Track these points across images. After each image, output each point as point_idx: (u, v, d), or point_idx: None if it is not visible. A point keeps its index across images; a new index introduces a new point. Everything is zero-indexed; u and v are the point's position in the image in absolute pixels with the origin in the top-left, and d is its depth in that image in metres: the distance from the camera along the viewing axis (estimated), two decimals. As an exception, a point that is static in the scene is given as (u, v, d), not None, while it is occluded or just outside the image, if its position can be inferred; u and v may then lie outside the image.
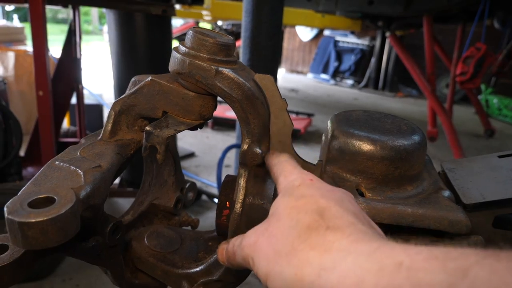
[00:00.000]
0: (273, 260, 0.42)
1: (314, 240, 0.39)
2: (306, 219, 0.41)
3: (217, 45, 0.55)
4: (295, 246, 0.40)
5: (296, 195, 0.45)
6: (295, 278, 0.38)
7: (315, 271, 0.37)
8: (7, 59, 4.11)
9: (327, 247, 0.38)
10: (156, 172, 0.79)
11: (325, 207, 0.42)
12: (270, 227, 0.44)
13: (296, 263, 0.39)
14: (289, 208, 0.44)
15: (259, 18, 2.08)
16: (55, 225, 0.39)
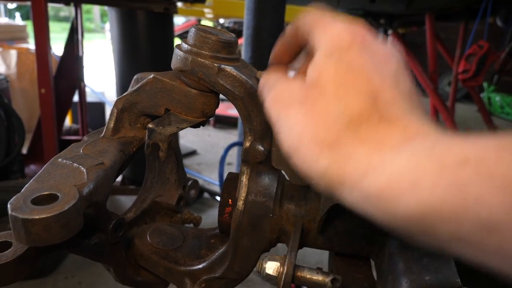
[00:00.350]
0: (309, 142, 0.36)
1: (364, 133, 0.34)
2: (357, 105, 0.35)
3: (220, 43, 0.55)
4: (341, 137, 0.34)
5: (345, 62, 0.37)
6: (334, 176, 0.34)
7: (360, 170, 0.32)
8: (9, 57, 4.12)
9: (378, 143, 0.33)
10: (158, 170, 0.79)
11: (378, 89, 0.35)
12: (311, 101, 0.37)
13: (338, 158, 0.34)
14: (336, 82, 0.36)
15: (261, 16, 2.08)
16: (58, 222, 0.39)
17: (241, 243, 0.60)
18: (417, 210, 0.28)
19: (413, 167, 0.29)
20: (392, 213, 0.30)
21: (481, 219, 0.26)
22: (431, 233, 0.29)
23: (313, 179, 0.36)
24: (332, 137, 0.35)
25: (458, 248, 0.28)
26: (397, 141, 0.32)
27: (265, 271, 0.53)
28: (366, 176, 0.32)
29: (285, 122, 0.39)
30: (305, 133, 0.36)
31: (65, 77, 2.41)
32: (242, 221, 0.59)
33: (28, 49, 4.33)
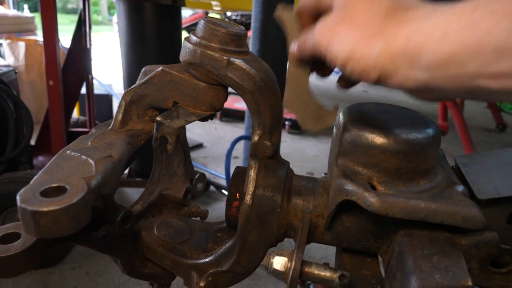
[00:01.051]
0: (360, 42, 0.45)
1: (399, 18, 0.43)
2: (385, 4, 0.45)
3: (229, 35, 0.54)
4: (382, 27, 0.44)
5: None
6: (385, 52, 0.42)
7: (403, 39, 0.41)
8: (18, 49, 4.14)
9: (411, 19, 0.42)
10: (165, 163, 0.79)
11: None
12: (348, 17, 0.47)
13: (385, 38, 0.43)
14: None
15: (269, 9, 2.07)
16: (67, 214, 0.39)
17: (249, 237, 0.60)
18: (447, 53, 0.37)
19: (441, 22, 0.39)
20: (428, 61, 0.39)
21: (492, 45, 0.34)
22: (463, 71, 0.37)
23: (369, 73, 0.44)
24: (376, 29, 0.44)
25: (481, 82, 0.37)
26: (426, 12, 0.42)
27: (272, 266, 0.53)
28: (408, 41, 0.41)
29: (336, 41, 0.47)
30: (355, 37, 0.45)
31: (73, 69, 2.42)
32: (249, 216, 0.59)
33: (37, 41, 4.34)
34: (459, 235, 0.52)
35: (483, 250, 0.53)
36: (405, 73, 0.42)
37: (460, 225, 0.50)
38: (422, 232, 0.53)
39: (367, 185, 0.53)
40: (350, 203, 0.53)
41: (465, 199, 0.53)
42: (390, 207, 0.50)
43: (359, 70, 0.45)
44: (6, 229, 0.52)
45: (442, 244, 0.50)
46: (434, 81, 0.40)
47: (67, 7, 19.79)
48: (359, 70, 0.45)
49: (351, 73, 0.46)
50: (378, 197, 0.50)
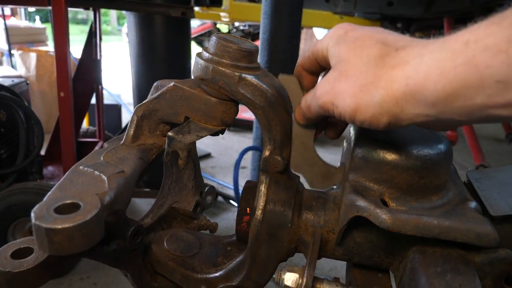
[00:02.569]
0: (359, 93, 0.46)
1: (391, 62, 0.44)
2: (374, 51, 0.46)
3: (240, 52, 0.55)
4: (376, 73, 0.44)
5: (349, 40, 0.49)
6: (387, 97, 0.43)
7: (402, 83, 0.42)
8: (29, 60, 4.20)
9: (404, 61, 0.43)
10: (175, 176, 0.79)
11: (382, 37, 0.47)
12: (343, 72, 0.48)
13: (383, 85, 0.43)
14: (351, 51, 0.48)
15: (278, 20, 2.08)
16: (80, 231, 0.39)
17: (259, 252, 0.60)
18: (451, 89, 0.38)
19: (435, 61, 0.39)
20: (433, 98, 0.40)
21: (494, 78, 0.35)
22: (471, 103, 0.38)
23: (378, 120, 0.45)
24: (371, 77, 0.45)
25: (491, 111, 0.37)
26: (417, 52, 0.42)
27: (283, 282, 0.53)
28: (407, 84, 0.41)
29: (339, 99, 0.48)
30: (354, 91, 0.46)
31: (83, 80, 2.45)
32: (260, 231, 0.58)
33: (48, 52, 4.41)
34: (472, 252, 0.51)
35: (497, 268, 0.52)
36: (413, 111, 0.42)
37: (474, 243, 0.49)
38: (435, 249, 0.52)
39: (379, 202, 0.53)
40: (361, 219, 0.52)
41: (478, 216, 0.52)
42: (402, 224, 0.49)
43: (368, 119, 0.46)
44: (18, 244, 0.52)
45: (456, 262, 0.50)
46: (444, 114, 0.41)
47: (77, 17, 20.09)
48: (369, 120, 0.46)
49: (363, 124, 0.47)
50: (390, 214, 0.50)
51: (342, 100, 0.48)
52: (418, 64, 0.41)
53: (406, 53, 0.43)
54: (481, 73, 0.35)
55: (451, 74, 0.37)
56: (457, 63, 0.37)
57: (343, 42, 0.50)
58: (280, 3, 2.07)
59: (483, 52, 0.35)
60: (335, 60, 0.50)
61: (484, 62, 0.35)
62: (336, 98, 0.48)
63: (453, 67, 0.37)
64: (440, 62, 0.38)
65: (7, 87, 2.14)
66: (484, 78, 0.35)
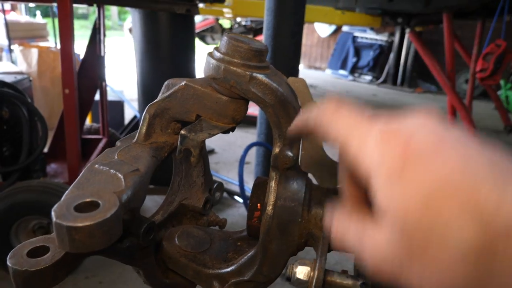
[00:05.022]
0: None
1: (503, 268, 0.26)
2: (467, 236, 0.26)
3: (251, 51, 0.56)
4: (479, 283, 0.27)
5: (412, 186, 0.29)
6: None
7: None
8: (31, 55, 4.20)
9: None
10: (185, 173, 0.80)
11: (474, 192, 0.26)
12: (415, 252, 0.29)
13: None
14: (423, 218, 0.28)
15: (282, 17, 2.08)
16: (101, 229, 0.40)
17: (270, 247, 0.61)
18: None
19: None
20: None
21: None
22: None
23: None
24: (470, 282, 0.27)
25: None
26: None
27: (295, 275, 0.54)
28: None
29: (415, 282, 0.30)
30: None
31: (87, 76, 2.45)
32: (271, 226, 0.59)
33: (49, 48, 4.41)
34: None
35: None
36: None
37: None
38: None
39: None
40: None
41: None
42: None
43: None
44: (34, 242, 0.53)
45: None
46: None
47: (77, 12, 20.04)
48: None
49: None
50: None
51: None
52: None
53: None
54: None
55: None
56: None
57: (403, 188, 0.29)
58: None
59: None
60: (394, 217, 0.30)
61: None
62: (411, 285, 0.30)
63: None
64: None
65: (10, 84, 2.13)
66: None
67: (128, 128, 3.51)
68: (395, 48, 8.88)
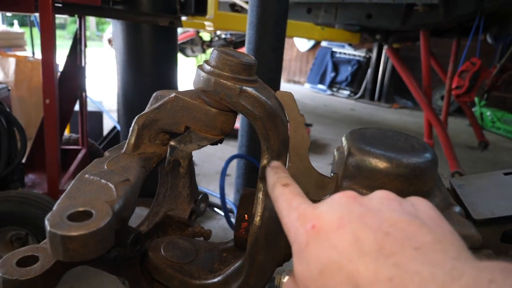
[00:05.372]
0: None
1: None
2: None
3: (241, 65, 0.57)
4: None
5: (311, 265, 0.36)
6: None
7: None
8: (8, 65, 4.12)
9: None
10: (170, 184, 0.81)
11: (351, 271, 0.32)
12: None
13: None
14: (313, 282, 0.35)
15: (263, 31, 2.12)
16: (94, 238, 0.41)
17: (257, 257, 0.62)
18: None
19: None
20: None
21: None
22: None
23: None
24: None
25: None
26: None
27: (283, 286, 0.55)
28: None
29: None
30: None
31: (67, 86, 2.42)
32: (259, 236, 0.61)
33: (27, 57, 4.33)
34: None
35: (481, 269, 0.55)
36: None
37: (460, 245, 0.52)
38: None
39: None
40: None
41: (462, 219, 0.56)
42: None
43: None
44: (23, 252, 0.53)
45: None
46: None
47: (55, 23, 19.74)
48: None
49: None
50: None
51: None
52: None
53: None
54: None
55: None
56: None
57: (306, 262, 0.36)
58: (266, 14, 2.12)
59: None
60: (302, 285, 0.37)
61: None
62: None
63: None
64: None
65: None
66: None
67: (107, 139, 3.47)
68: (373, 64, 9.10)
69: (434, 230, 0.35)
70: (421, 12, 4.13)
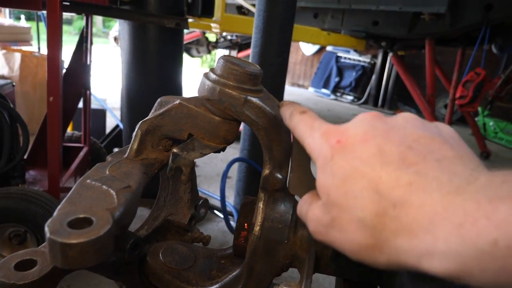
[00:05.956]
0: (363, 255, 0.38)
1: (392, 226, 0.33)
2: (368, 204, 0.35)
3: (246, 75, 0.57)
4: (377, 237, 0.35)
5: (336, 172, 0.38)
6: (394, 264, 0.35)
7: (411, 255, 0.33)
8: (13, 60, 4.13)
9: (409, 230, 0.32)
10: (171, 189, 0.81)
11: (374, 177, 0.35)
12: (337, 220, 0.38)
13: (388, 252, 0.35)
14: (342, 195, 0.37)
15: (269, 35, 2.12)
16: (94, 246, 0.41)
17: (256, 267, 0.61)
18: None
19: (457, 256, 0.30)
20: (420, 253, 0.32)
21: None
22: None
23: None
24: (371, 240, 0.36)
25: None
26: (423, 223, 0.31)
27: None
28: (419, 259, 0.32)
29: (335, 241, 0.40)
30: (351, 247, 0.38)
31: (72, 84, 2.42)
32: (258, 246, 0.60)
33: (32, 53, 4.34)
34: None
35: None
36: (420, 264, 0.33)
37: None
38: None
39: None
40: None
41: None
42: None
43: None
44: (22, 255, 0.53)
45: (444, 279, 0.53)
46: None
47: (61, 18, 19.80)
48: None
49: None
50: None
51: (340, 245, 0.40)
52: (430, 243, 0.31)
53: (408, 217, 0.32)
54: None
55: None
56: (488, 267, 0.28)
57: (329, 172, 0.39)
58: (272, 19, 2.12)
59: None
60: (324, 193, 0.40)
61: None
62: (332, 240, 0.41)
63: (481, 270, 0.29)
64: (463, 257, 0.30)
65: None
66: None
67: (109, 137, 3.47)
68: (377, 70, 9.10)
69: (455, 148, 0.36)
70: (428, 20, 4.13)
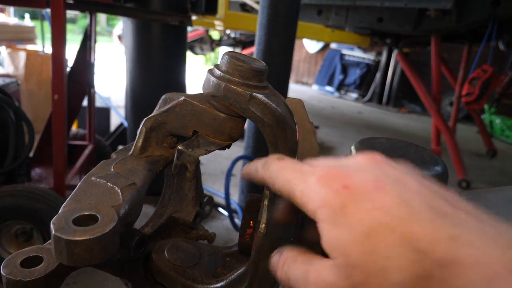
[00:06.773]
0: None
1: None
2: (405, 268, 0.28)
3: (251, 71, 0.57)
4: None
5: (353, 226, 0.31)
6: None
7: None
8: (18, 58, 4.15)
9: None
10: (176, 186, 0.81)
11: (409, 230, 0.29)
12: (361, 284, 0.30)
13: None
14: (363, 255, 0.30)
15: (274, 33, 2.11)
16: (99, 243, 0.41)
17: (261, 265, 0.61)
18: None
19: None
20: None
21: None
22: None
23: None
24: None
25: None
26: (484, 284, 0.26)
27: None
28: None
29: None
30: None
31: (76, 82, 2.43)
32: (263, 244, 0.60)
33: (37, 51, 4.36)
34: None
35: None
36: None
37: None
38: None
39: None
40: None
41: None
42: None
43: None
44: (28, 252, 0.53)
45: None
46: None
47: (66, 17, 19.84)
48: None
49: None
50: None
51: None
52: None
53: (460, 279, 0.26)
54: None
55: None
56: None
57: (345, 226, 0.31)
58: (276, 16, 2.11)
59: None
60: (339, 253, 0.31)
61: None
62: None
63: None
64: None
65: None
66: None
67: (114, 135, 3.48)
68: (382, 67, 9.06)
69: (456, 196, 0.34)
70: (433, 17, 4.10)
